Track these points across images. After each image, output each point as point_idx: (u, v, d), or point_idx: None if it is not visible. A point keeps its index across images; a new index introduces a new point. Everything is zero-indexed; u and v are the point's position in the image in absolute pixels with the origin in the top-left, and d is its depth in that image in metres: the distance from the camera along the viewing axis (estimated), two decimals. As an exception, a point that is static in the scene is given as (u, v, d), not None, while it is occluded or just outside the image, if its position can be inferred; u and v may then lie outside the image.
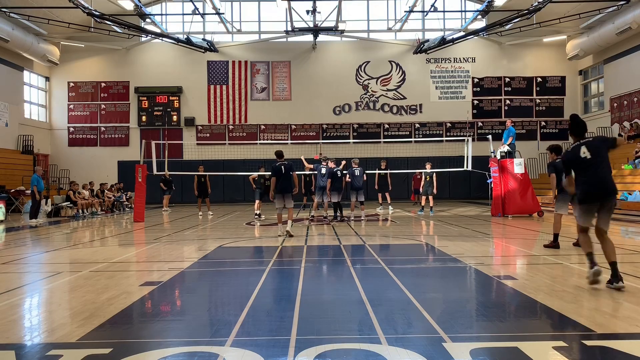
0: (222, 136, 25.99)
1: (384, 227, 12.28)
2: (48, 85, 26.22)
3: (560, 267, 6.32)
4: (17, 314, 4.60)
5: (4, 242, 10.45)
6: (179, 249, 8.74)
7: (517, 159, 14.85)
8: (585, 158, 5.08)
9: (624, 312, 4.16)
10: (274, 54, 26.18)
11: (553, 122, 26.35)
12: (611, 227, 5.36)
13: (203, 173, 16.95)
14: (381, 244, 9.16)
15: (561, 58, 25.78)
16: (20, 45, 21.89)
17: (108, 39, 23.75)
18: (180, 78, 25.94)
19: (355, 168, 14.34)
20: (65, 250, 8.87)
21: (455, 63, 26.33)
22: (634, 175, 16.85)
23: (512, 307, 4.67)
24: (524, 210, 14.38)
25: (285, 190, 10.21)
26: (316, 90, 26.08)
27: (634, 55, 21.74)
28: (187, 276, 6.27)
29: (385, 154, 23.95)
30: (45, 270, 6.92)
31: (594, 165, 5.05)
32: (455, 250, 7.83)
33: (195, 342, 3.66)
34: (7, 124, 22.61)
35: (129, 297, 4.97)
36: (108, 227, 13.61)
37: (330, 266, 7.14)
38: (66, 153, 25.93)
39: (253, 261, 7.92)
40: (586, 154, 5.08)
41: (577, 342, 3.48)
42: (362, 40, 26.39)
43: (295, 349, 3.39)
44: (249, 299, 4.82)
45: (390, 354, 3.27)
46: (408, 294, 4.93)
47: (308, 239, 9.89)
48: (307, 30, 23.70)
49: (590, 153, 5.07)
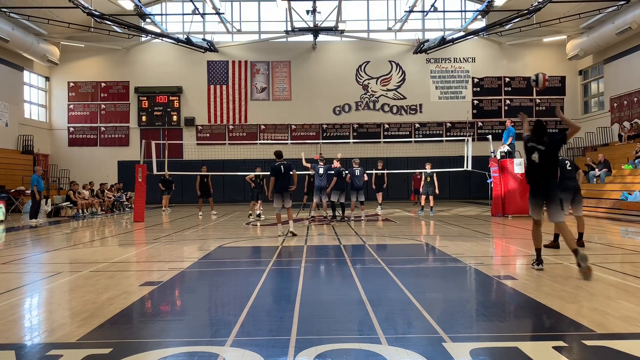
0: (222, 136, 25.99)
1: (384, 227, 12.28)
2: (48, 85, 26.22)
3: (560, 267, 6.32)
4: (17, 314, 4.60)
5: (4, 242, 10.45)
6: (179, 249, 8.74)
7: (517, 159, 14.85)
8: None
9: (624, 312, 4.16)
10: (274, 54, 26.18)
11: (553, 122, 26.32)
12: (611, 227, 5.45)
13: (206, 173, 16.97)
14: (381, 244, 9.16)
15: (561, 58, 25.78)
16: (20, 45, 21.89)
17: (108, 39, 23.75)
18: (180, 78, 25.94)
19: (355, 168, 14.35)
20: (65, 250, 8.87)
21: (455, 63, 26.33)
22: (634, 175, 16.84)
23: (512, 307, 4.67)
24: (524, 210, 14.35)
25: (285, 189, 10.24)
26: (316, 90, 26.08)
27: (634, 55, 21.73)
28: (187, 276, 6.27)
29: (385, 154, 23.98)
30: (45, 270, 6.92)
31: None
32: (455, 250, 7.83)
33: (195, 342, 3.66)
34: (7, 124, 22.61)
35: (129, 297, 4.97)
36: (108, 227, 13.61)
37: (330, 266, 7.15)
38: (66, 153, 25.93)
39: (253, 261, 7.92)
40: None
41: (577, 342, 3.48)
42: (362, 40, 26.39)
43: (295, 349, 3.39)
44: (249, 299, 4.82)
45: (390, 354, 3.27)
46: (408, 294, 4.93)
47: (308, 239, 9.89)
48: (307, 30, 23.70)
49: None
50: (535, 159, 5.96)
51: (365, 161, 18.63)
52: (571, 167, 7.82)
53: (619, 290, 4.98)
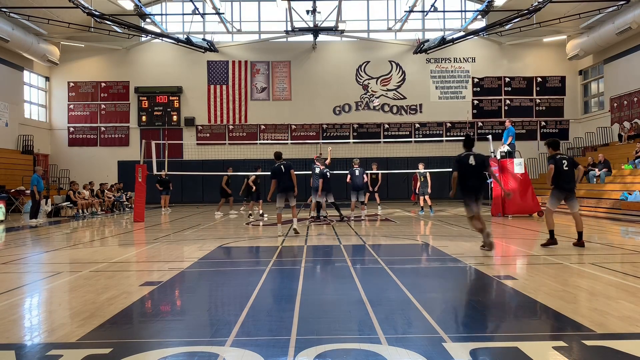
0: (222, 136, 25.99)
1: (384, 227, 12.29)
2: (48, 85, 26.22)
3: (560, 267, 6.32)
4: (17, 314, 4.60)
5: (4, 242, 10.45)
6: (179, 249, 8.74)
7: (517, 159, 14.85)
8: (471, 164, 7.46)
9: (624, 312, 4.16)
10: (274, 54, 26.18)
11: (553, 122, 26.35)
12: (611, 227, 5.44)
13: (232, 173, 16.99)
14: (381, 244, 9.16)
15: (561, 58, 25.77)
16: (20, 45, 21.89)
17: (108, 39, 23.75)
18: (180, 78, 25.94)
19: (355, 168, 14.35)
20: (65, 250, 8.87)
21: (455, 63, 26.33)
22: (634, 175, 16.84)
23: (512, 307, 4.67)
24: (524, 210, 14.39)
25: (289, 188, 10.32)
26: (316, 90, 26.08)
27: (634, 55, 21.73)
28: (187, 276, 6.26)
29: (385, 154, 24.00)
30: (45, 270, 6.92)
31: (475, 170, 7.48)
32: (455, 250, 7.83)
33: (195, 342, 3.66)
34: (7, 124, 22.61)
35: (129, 297, 4.97)
36: (108, 227, 13.61)
37: (330, 266, 7.15)
38: (66, 153, 25.93)
39: (253, 261, 7.92)
40: (472, 162, 7.48)
41: (577, 342, 3.47)
42: (362, 40, 26.39)
43: (295, 349, 3.39)
44: (249, 299, 4.82)
45: (390, 354, 3.27)
46: (408, 294, 4.93)
47: (308, 239, 9.90)
48: (307, 30, 23.71)
49: (475, 162, 7.49)
50: (472, 162, 7.50)
51: (365, 161, 18.65)
52: (568, 168, 7.78)
53: (619, 290, 4.98)
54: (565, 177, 7.74)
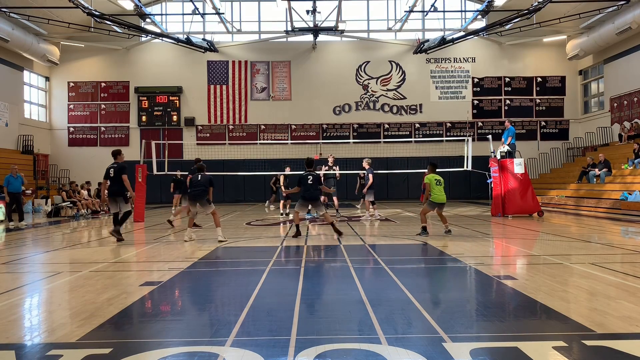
0: (222, 136, 25.99)
1: (384, 227, 12.28)
2: (48, 85, 26.22)
3: (561, 267, 6.32)
4: (17, 314, 4.60)
5: (4, 242, 10.45)
6: (179, 249, 8.74)
7: (517, 159, 14.84)
8: (309, 181, 9.78)
9: (624, 312, 4.16)
10: (274, 54, 26.18)
11: (553, 122, 26.36)
12: (611, 227, 5.44)
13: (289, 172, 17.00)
14: (381, 244, 9.16)
15: (561, 58, 25.78)
16: (20, 45, 21.89)
17: (108, 39, 23.75)
18: (180, 78, 25.95)
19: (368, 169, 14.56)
20: (65, 250, 8.87)
21: (455, 63, 26.33)
22: (634, 175, 16.84)
23: (512, 307, 4.67)
24: (524, 210, 14.38)
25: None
26: (316, 90, 26.08)
27: (634, 55, 21.74)
28: (187, 276, 6.26)
29: (385, 154, 24.00)
30: (45, 270, 6.91)
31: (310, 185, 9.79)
32: (455, 250, 7.83)
33: (195, 342, 3.66)
34: (7, 123, 22.61)
35: (129, 297, 4.97)
36: (108, 227, 13.58)
37: (330, 266, 7.14)
38: (66, 153, 25.93)
39: (253, 261, 7.91)
40: (309, 179, 9.81)
41: (577, 342, 3.47)
42: (362, 40, 26.39)
43: (295, 349, 3.39)
44: (249, 299, 4.82)
45: (390, 354, 3.26)
46: (408, 294, 4.92)
47: (308, 239, 9.90)
48: (307, 30, 23.71)
49: (312, 179, 9.83)
50: (309, 179, 9.91)
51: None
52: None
53: (619, 290, 4.98)
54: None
